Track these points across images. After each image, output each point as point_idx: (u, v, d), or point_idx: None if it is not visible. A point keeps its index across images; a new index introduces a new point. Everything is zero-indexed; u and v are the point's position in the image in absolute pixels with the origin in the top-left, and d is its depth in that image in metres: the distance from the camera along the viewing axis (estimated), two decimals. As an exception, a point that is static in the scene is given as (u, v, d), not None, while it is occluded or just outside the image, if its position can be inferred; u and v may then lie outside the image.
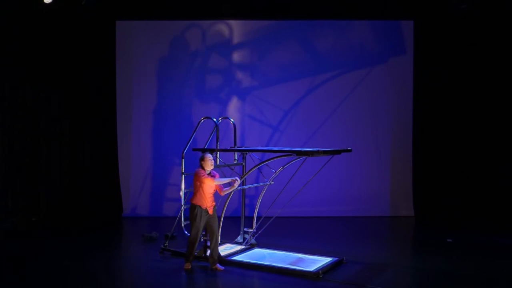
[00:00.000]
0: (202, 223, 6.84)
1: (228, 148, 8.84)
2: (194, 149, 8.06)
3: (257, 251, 7.90)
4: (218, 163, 7.96)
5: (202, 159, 6.89)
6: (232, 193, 7.66)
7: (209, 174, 6.89)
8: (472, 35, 11.24)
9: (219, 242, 7.75)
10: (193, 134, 8.30)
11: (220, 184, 6.99)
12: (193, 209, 6.84)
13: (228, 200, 7.81)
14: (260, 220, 8.12)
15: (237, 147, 8.88)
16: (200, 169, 6.87)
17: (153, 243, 8.66)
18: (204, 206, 6.83)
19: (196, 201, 6.84)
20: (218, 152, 7.97)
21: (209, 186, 6.83)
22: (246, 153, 8.33)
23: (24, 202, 10.82)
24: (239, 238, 8.30)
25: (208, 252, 7.08)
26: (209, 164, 6.87)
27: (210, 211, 6.89)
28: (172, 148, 11.42)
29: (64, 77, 11.41)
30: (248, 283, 6.70)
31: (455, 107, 11.46)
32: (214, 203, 6.97)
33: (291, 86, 11.58)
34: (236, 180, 6.90)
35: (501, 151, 11.22)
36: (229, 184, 6.99)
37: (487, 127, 11.30)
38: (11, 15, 10.40)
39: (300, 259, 7.35)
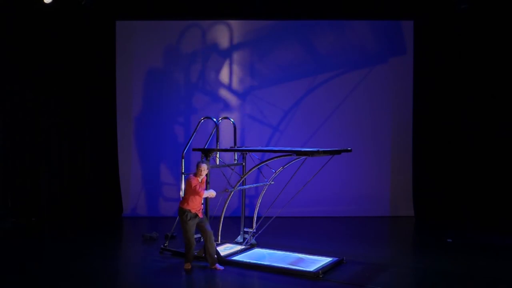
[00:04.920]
0: (193, 225, 6.91)
1: (228, 148, 8.83)
2: (194, 149, 8.06)
3: (257, 251, 7.90)
4: (218, 163, 7.96)
5: (198, 167, 6.97)
6: (232, 193, 7.69)
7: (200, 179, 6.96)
8: (472, 35, 11.23)
9: (219, 242, 7.79)
10: (193, 134, 8.30)
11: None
12: (182, 213, 6.89)
13: (228, 200, 7.82)
14: (260, 220, 8.12)
15: (237, 147, 8.88)
16: (194, 177, 6.90)
17: (153, 243, 8.66)
18: (194, 211, 6.89)
19: (186, 205, 6.88)
20: (218, 152, 7.97)
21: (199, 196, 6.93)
22: (246, 153, 8.33)
23: (24, 202, 10.82)
24: (239, 238, 8.29)
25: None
26: (202, 174, 6.96)
27: (200, 215, 6.97)
28: (172, 148, 11.43)
29: (64, 77, 11.41)
30: (248, 283, 6.71)
31: (455, 107, 11.44)
32: (202, 207, 7.06)
33: (291, 86, 11.58)
34: (212, 192, 7.07)
35: (501, 151, 11.21)
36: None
37: (487, 127, 11.29)
38: (11, 15, 10.40)
39: (300, 259, 7.35)
